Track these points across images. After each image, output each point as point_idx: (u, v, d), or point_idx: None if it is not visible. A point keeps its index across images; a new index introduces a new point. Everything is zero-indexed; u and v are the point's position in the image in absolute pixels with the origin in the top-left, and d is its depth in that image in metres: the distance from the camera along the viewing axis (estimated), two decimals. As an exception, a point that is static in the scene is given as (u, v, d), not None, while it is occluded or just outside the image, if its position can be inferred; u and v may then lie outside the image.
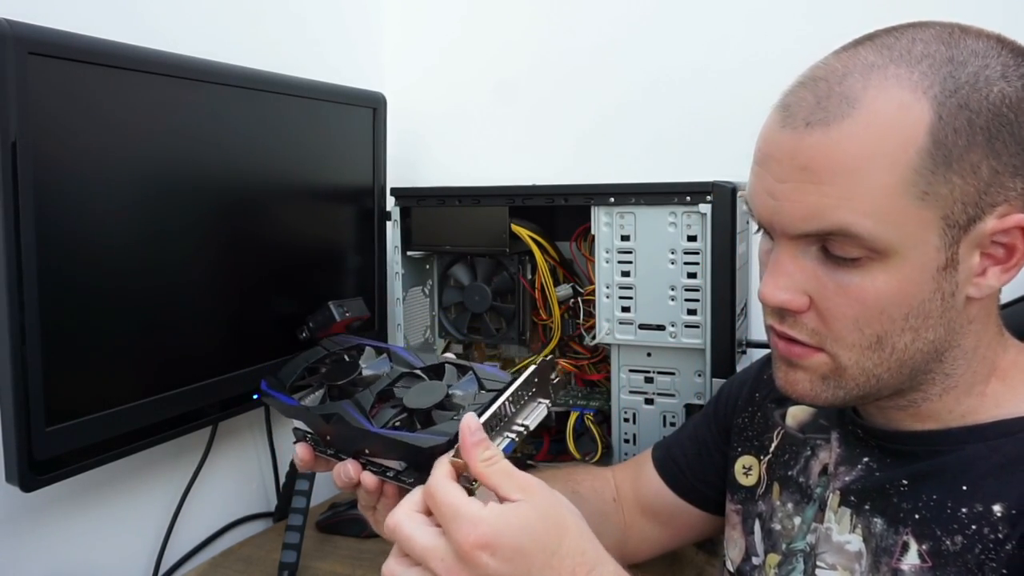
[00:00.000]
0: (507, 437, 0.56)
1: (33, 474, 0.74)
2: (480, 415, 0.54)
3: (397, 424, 0.61)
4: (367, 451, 0.62)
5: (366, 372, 0.69)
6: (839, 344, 0.55)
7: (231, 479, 1.11)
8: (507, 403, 0.56)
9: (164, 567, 0.99)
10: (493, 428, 0.55)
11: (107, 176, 0.79)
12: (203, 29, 1.02)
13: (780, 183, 0.53)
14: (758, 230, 0.59)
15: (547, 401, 0.59)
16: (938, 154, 0.49)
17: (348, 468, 0.62)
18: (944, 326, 0.54)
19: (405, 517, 0.51)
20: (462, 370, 0.66)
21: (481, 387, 0.63)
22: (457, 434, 0.53)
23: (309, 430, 0.67)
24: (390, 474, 0.61)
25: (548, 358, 0.61)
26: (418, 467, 0.58)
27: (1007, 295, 0.96)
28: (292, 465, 1.07)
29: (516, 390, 0.57)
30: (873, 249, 0.51)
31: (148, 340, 0.84)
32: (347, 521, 1.06)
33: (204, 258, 0.91)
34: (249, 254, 0.97)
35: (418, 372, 0.67)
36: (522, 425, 0.57)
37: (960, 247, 0.51)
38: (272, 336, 1.01)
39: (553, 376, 0.59)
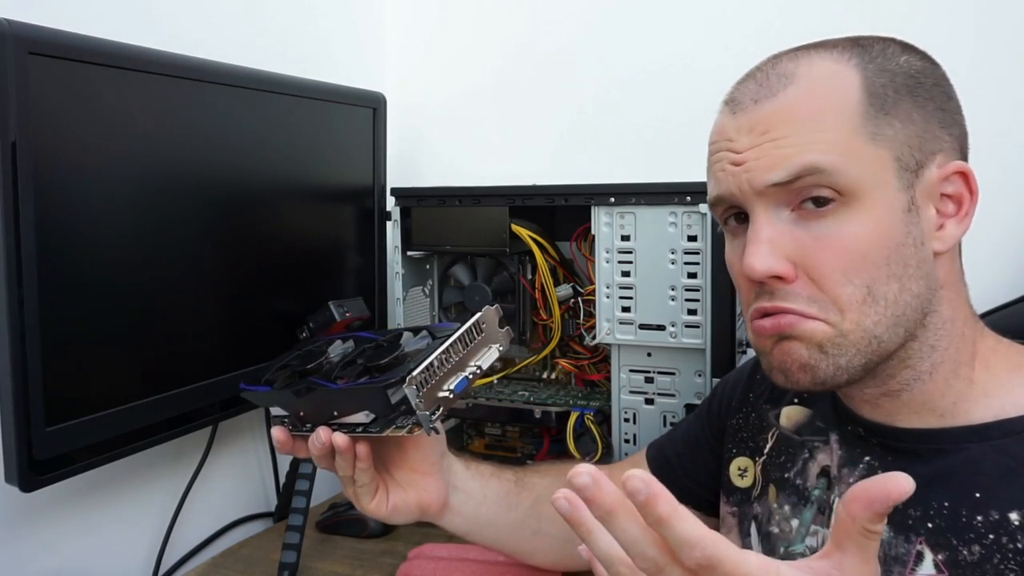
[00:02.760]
0: (460, 375, 0.60)
1: (33, 474, 0.74)
2: (428, 357, 0.58)
3: (360, 382, 0.65)
4: (336, 413, 0.65)
5: (333, 356, 0.72)
6: (837, 307, 0.54)
7: (231, 479, 1.11)
8: (457, 344, 0.61)
9: (164, 567, 0.99)
10: (445, 368, 0.60)
11: (107, 176, 0.79)
12: (203, 29, 1.02)
13: (740, 154, 0.56)
14: (724, 217, 0.60)
15: (498, 345, 0.64)
16: (875, 102, 0.54)
17: (319, 434, 0.65)
18: (923, 278, 0.55)
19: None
20: (416, 331, 0.70)
21: (434, 339, 0.67)
22: (413, 368, 0.57)
23: (285, 414, 0.70)
24: (359, 429, 0.64)
25: (494, 306, 0.65)
26: (382, 411, 0.62)
27: (1007, 295, 0.97)
28: (292, 465, 1.07)
29: (464, 335, 0.62)
30: (841, 190, 0.53)
31: (148, 340, 0.84)
32: (347, 521, 1.06)
33: (204, 258, 0.91)
34: (249, 254, 0.97)
35: (379, 341, 0.70)
36: (475, 366, 0.61)
37: (916, 193, 0.55)
38: (272, 336, 1.01)
39: (500, 323, 0.66)
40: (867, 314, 0.54)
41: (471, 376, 0.61)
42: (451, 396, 0.59)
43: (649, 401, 1.01)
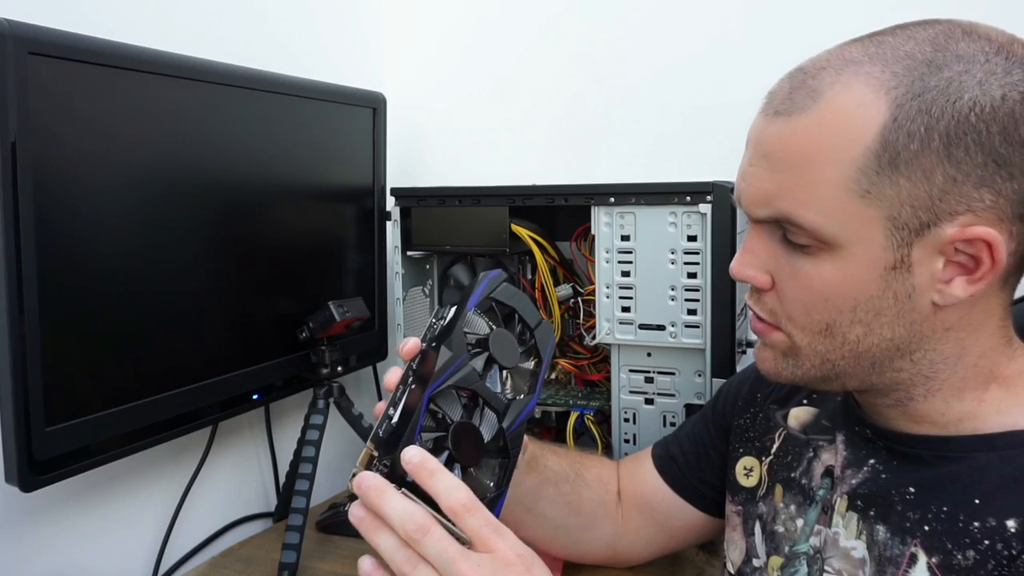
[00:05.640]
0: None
1: (33, 474, 0.74)
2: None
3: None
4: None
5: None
6: (792, 324, 0.57)
7: (231, 479, 1.11)
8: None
9: (164, 567, 0.99)
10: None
11: (107, 176, 0.79)
12: (203, 29, 1.02)
13: (749, 166, 0.57)
14: None
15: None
16: (885, 155, 0.50)
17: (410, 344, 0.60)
18: (904, 327, 0.54)
19: (432, 523, 0.51)
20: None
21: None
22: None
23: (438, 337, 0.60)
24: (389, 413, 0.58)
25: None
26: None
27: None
28: (292, 465, 1.07)
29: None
30: (819, 239, 0.53)
31: (148, 340, 0.84)
32: (347, 521, 1.05)
33: (204, 258, 0.91)
34: (249, 254, 0.97)
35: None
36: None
37: (913, 250, 0.52)
38: (272, 336, 1.01)
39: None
40: (821, 342, 0.56)
41: None
42: None
43: (649, 401, 1.01)
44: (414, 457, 0.52)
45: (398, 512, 0.51)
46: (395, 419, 0.56)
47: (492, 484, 0.59)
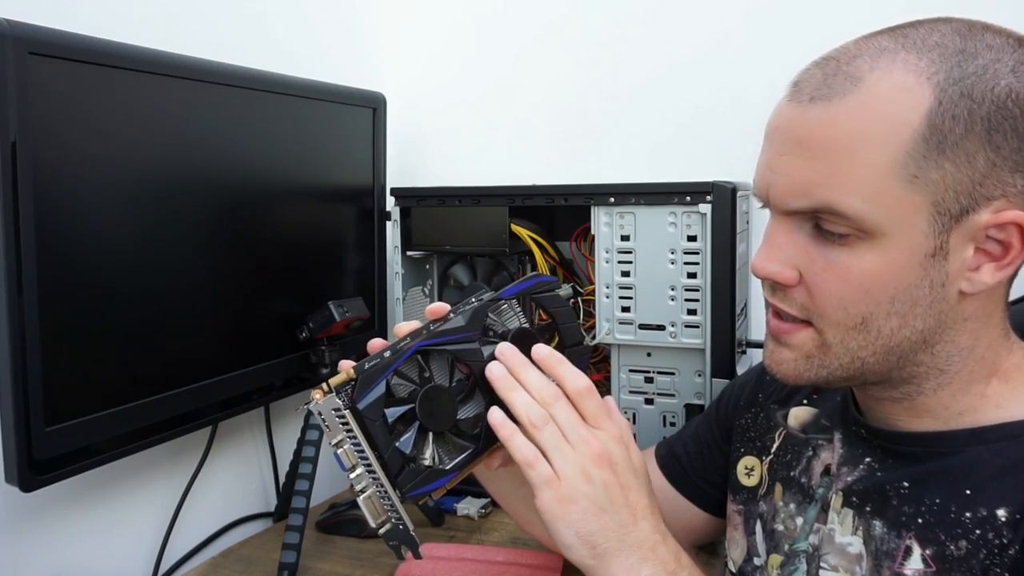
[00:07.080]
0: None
1: (33, 474, 0.74)
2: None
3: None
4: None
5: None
6: (824, 321, 0.55)
7: (231, 479, 1.11)
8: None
9: (164, 567, 0.99)
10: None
11: (107, 176, 0.79)
12: (203, 29, 1.02)
13: (779, 155, 0.54)
14: (762, 206, 0.59)
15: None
16: (932, 139, 0.50)
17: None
18: (934, 317, 0.54)
19: (562, 395, 0.60)
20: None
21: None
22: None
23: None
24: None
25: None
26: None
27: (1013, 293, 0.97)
28: (292, 465, 1.07)
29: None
30: (860, 228, 0.52)
31: (148, 340, 0.84)
32: (347, 521, 1.06)
33: (204, 258, 0.91)
34: (249, 254, 0.97)
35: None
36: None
37: (951, 236, 0.52)
38: (272, 336, 1.01)
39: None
40: (854, 338, 0.55)
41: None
42: None
43: (649, 401, 1.01)
44: (543, 351, 0.61)
45: (536, 379, 0.59)
46: (387, 358, 0.57)
47: (447, 459, 0.59)
